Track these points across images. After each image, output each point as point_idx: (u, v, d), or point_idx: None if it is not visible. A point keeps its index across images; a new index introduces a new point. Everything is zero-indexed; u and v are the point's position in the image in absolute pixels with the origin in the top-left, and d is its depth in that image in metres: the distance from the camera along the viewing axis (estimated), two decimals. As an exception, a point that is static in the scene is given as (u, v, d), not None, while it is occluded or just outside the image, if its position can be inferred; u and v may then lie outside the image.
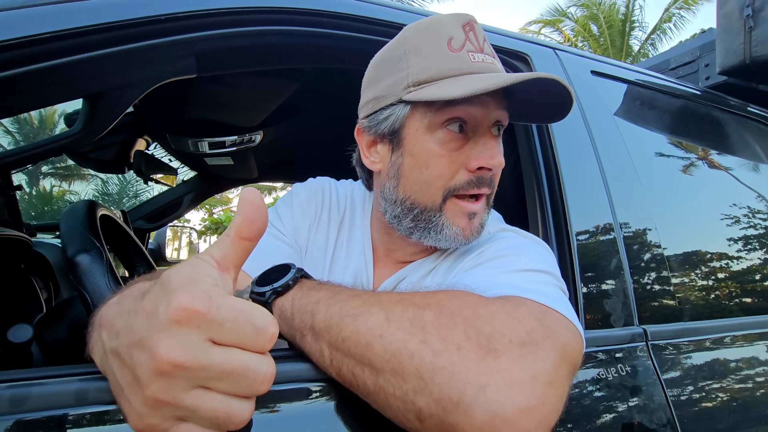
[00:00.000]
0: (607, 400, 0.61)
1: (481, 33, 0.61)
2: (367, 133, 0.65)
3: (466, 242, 0.61)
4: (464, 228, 0.60)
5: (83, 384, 0.40)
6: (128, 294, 0.39)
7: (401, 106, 0.60)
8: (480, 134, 0.59)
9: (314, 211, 0.76)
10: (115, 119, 0.73)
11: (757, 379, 0.78)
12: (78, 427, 0.38)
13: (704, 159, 1.14)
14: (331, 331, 0.44)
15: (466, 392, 0.35)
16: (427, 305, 0.42)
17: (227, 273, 0.35)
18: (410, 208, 0.62)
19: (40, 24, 0.53)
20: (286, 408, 0.45)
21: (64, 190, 10.73)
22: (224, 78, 1.15)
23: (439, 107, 0.57)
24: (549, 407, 0.36)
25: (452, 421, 0.36)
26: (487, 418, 0.34)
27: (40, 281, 1.10)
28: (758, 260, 1.02)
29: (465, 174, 0.59)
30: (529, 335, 0.39)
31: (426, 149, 0.59)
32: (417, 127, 0.59)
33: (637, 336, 0.70)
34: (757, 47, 1.21)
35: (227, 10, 0.67)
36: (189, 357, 0.29)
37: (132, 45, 0.61)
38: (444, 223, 0.60)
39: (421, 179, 0.60)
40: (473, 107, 0.57)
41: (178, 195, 2.27)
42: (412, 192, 0.61)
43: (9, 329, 0.63)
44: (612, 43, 13.62)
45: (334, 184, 0.81)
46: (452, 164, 0.59)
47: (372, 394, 0.41)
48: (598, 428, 0.58)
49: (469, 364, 0.37)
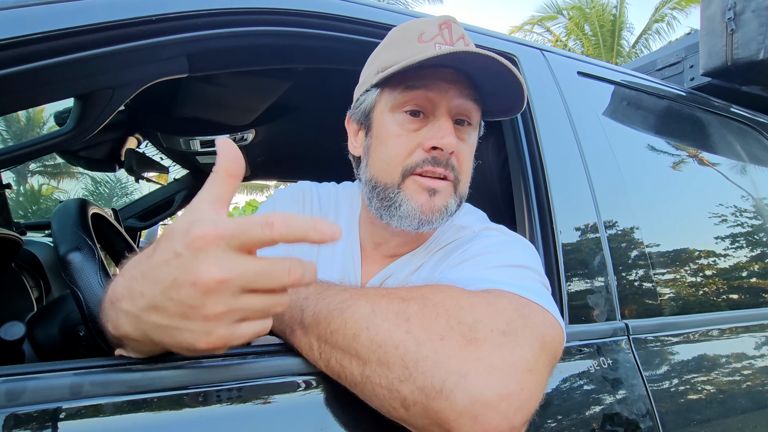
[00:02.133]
0: (590, 391, 0.64)
1: (459, 32, 0.63)
2: (353, 120, 0.71)
3: (426, 220, 0.61)
4: (423, 204, 0.60)
5: (78, 378, 0.41)
6: (130, 266, 0.41)
7: (372, 91, 0.65)
8: (437, 117, 0.62)
9: (296, 213, 0.77)
10: (107, 118, 0.74)
11: (732, 371, 0.81)
12: (73, 419, 0.39)
13: (687, 159, 1.16)
14: (320, 325, 0.46)
15: (448, 379, 0.37)
16: (412, 298, 0.44)
17: (221, 211, 0.38)
18: (374, 187, 0.64)
19: (33, 24, 0.54)
20: (278, 400, 0.47)
21: (52, 188, 10.59)
22: (216, 77, 1.15)
23: (401, 91, 0.62)
24: (528, 393, 0.38)
25: (435, 407, 0.37)
26: (468, 404, 0.36)
27: (31, 280, 1.10)
28: (735, 258, 1.05)
29: (421, 153, 0.61)
30: (509, 325, 0.41)
31: (386, 129, 0.63)
32: (382, 110, 0.64)
33: (619, 330, 0.73)
34: (738, 49, 1.25)
35: (218, 11, 0.68)
36: (224, 271, 0.34)
37: (124, 45, 0.62)
38: (402, 200, 0.61)
39: (381, 158, 0.63)
40: (431, 92, 0.61)
41: (169, 193, 2.26)
42: (375, 171, 0.65)
43: (1, 327, 0.63)
44: (603, 42, 13.73)
45: (316, 187, 0.82)
46: (409, 143, 0.62)
47: (359, 384, 0.43)
48: (581, 418, 0.60)
49: (451, 352, 0.38)
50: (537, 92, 0.90)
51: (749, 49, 1.23)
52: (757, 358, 0.86)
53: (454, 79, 0.61)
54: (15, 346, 0.66)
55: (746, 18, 1.23)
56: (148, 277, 0.37)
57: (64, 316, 0.79)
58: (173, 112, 1.40)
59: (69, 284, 0.70)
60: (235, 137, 1.62)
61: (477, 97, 0.64)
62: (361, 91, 0.68)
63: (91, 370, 0.42)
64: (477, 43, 0.93)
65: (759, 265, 1.08)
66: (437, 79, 0.60)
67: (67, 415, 0.39)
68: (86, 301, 0.69)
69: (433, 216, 0.61)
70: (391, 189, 0.62)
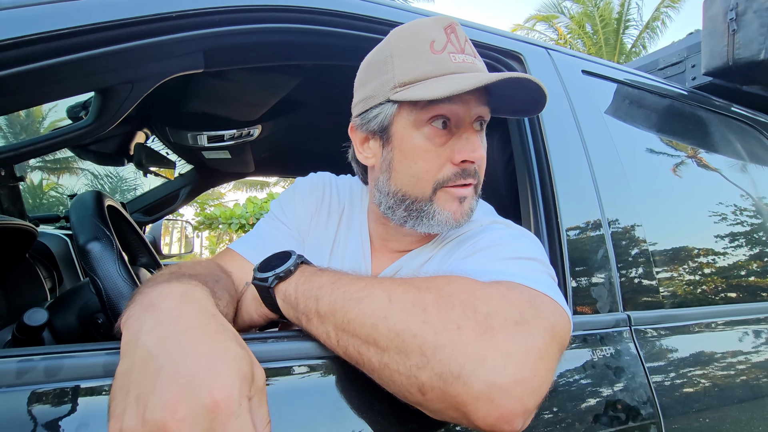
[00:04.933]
0: (593, 378, 0.66)
1: (462, 35, 0.65)
2: (360, 130, 0.69)
3: (457, 225, 0.65)
4: (455, 212, 0.64)
5: (110, 357, 0.43)
6: (161, 306, 0.42)
7: (389, 105, 0.64)
8: (463, 129, 0.63)
9: (315, 203, 0.80)
10: (125, 112, 0.76)
11: (729, 362, 0.83)
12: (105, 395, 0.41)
13: (689, 157, 1.18)
14: (337, 314, 0.48)
15: (465, 366, 0.39)
16: (427, 288, 0.46)
17: None
18: (402, 200, 0.65)
19: (61, 20, 0.56)
20: (297, 381, 0.49)
21: (53, 183, 10.58)
22: (226, 73, 1.17)
23: (423, 105, 0.62)
24: (540, 379, 0.40)
25: (453, 392, 0.39)
26: (485, 388, 0.38)
27: (44, 270, 1.12)
28: (733, 255, 1.08)
29: (451, 167, 0.63)
30: (521, 315, 0.43)
31: (413, 145, 0.63)
32: (404, 124, 0.64)
33: (621, 321, 0.75)
34: (739, 50, 1.27)
35: (235, 8, 0.70)
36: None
37: (145, 41, 0.64)
38: (435, 210, 0.64)
39: (410, 173, 0.64)
40: (455, 105, 0.61)
41: (174, 188, 2.28)
42: (402, 185, 0.65)
43: (25, 313, 0.66)
44: (606, 41, 13.73)
45: (335, 179, 0.85)
46: (438, 158, 0.63)
47: (377, 370, 0.45)
48: (585, 404, 0.63)
49: (468, 341, 0.40)
50: (543, 90, 0.92)
51: (750, 49, 1.25)
52: (752, 350, 0.88)
53: (474, 88, 0.62)
54: (37, 332, 0.68)
55: (748, 18, 1.25)
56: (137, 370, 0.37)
57: (81, 304, 0.82)
58: (182, 107, 1.41)
59: (88, 273, 0.72)
60: (242, 133, 1.64)
61: (488, 99, 0.65)
62: (372, 103, 0.65)
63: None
64: (484, 42, 0.95)
65: (757, 263, 1.10)
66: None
67: (102, 392, 0.42)
68: (105, 289, 0.71)
69: (463, 219, 0.65)
70: (422, 202, 0.64)
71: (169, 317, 0.40)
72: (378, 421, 0.50)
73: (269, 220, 0.80)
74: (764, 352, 0.89)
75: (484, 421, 0.39)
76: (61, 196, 6.78)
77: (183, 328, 0.38)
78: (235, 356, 0.37)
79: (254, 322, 0.61)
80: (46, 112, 7.36)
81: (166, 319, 0.39)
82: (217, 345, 0.37)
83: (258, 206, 11.17)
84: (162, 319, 0.40)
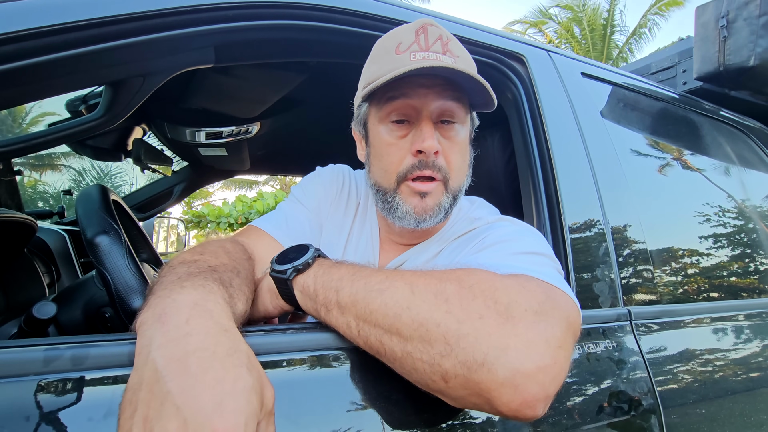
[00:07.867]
0: (597, 370, 0.68)
1: (435, 34, 0.67)
2: (355, 129, 0.78)
3: (419, 220, 0.68)
4: (416, 206, 0.67)
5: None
6: (171, 311, 0.41)
7: (364, 105, 0.72)
8: (420, 122, 0.66)
9: (335, 191, 0.84)
10: (136, 105, 0.76)
11: (724, 355, 0.86)
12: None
13: (680, 159, 1.22)
14: (358, 305, 0.49)
15: (489, 353, 0.41)
16: (448, 279, 0.47)
17: None
18: (378, 191, 0.72)
19: (77, 12, 0.56)
20: (315, 371, 0.50)
21: (33, 180, 10.33)
22: (231, 69, 1.17)
23: (383, 103, 0.67)
24: (560, 367, 0.42)
25: (477, 379, 0.41)
26: (509, 375, 0.40)
27: (43, 266, 1.11)
28: (727, 253, 1.11)
29: (410, 159, 0.67)
30: (540, 305, 0.45)
31: (380, 139, 0.69)
32: (374, 121, 0.71)
33: (622, 315, 0.78)
34: (730, 56, 1.31)
35: (248, 3, 0.70)
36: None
37: (159, 35, 0.64)
38: (399, 203, 0.68)
39: (380, 166, 0.70)
40: (411, 100, 0.66)
41: (168, 185, 2.26)
42: (377, 177, 0.71)
43: (34, 305, 0.65)
44: (593, 46, 13.95)
45: (354, 173, 0.88)
46: (399, 151, 0.68)
47: (399, 359, 0.46)
48: (590, 394, 0.65)
49: (491, 330, 0.42)
50: (545, 91, 0.94)
51: (740, 56, 1.30)
52: (746, 344, 0.92)
53: (432, 83, 0.66)
54: (45, 325, 0.68)
55: (738, 26, 1.30)
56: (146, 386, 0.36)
57: (87, 298, 0.81)
58: (184, 103, 1.41)
59: (97, 266, 0.72)
60: (241, 129, 1.63)
61: (460, 95, 0.68)
62: (357, 104, 0.74)
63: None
64: (487, 42, 0.96)
65: (747, 260, 1.14)
66: (416, 86, 0.65)
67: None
68: (114, 282, 0.71)
69: (426, 215, 0.68)
70: (389, 193, 0.69)
71: (179, 334, 0.38)
72: (394, 411, 0.51)
73: (291, 202, 0.83)
74: (758, 346, 0.93)
75: (507, 406, 0.40)
76: (44, 193, 6.62)
77: (192, 348, 0.37)
78: (244, 387, 0.35)
79: (269, 314, 0.62)
80: (29, 108, 7.19)
81: (175, 336, 0.38)
82: (226, 374, 0.36)
83: (248, 205, 11.04)
84: (171, 335, 0.38)
